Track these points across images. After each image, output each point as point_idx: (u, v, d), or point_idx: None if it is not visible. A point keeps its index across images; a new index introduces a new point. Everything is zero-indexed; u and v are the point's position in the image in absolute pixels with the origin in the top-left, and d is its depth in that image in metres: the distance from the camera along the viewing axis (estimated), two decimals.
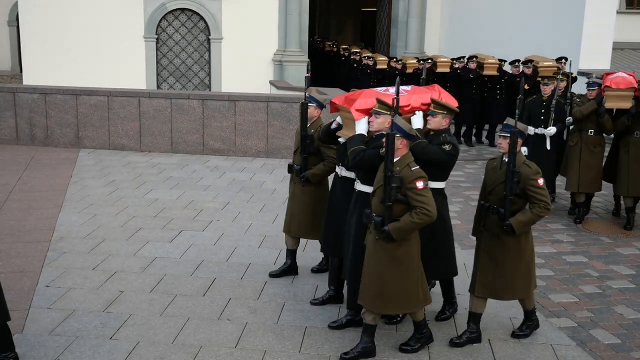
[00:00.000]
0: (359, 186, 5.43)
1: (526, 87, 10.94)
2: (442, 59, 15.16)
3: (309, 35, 20.36)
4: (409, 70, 15.77)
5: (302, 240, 6.97)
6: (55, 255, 7.18)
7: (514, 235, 5.23)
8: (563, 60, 12.68)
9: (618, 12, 17.06)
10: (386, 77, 16.37)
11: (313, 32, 27.33)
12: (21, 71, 18.76)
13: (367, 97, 5.50)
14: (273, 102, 12.40)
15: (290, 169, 6.56)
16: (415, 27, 20.46)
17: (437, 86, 5.92)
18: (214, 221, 8.51)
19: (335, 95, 12.95)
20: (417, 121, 5.52)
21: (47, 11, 17.41)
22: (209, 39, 18.71)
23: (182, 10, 18.43)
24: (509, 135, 5.16)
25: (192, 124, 12.52)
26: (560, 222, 8.90)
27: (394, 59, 16.66)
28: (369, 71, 16.82)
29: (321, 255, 6.92)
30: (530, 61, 12.80)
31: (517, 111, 5.18)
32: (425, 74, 7.03)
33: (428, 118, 5.46)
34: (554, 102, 8.85)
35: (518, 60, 12.81)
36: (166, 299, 6.17)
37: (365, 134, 5.36)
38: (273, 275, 6.75)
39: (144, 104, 12.51)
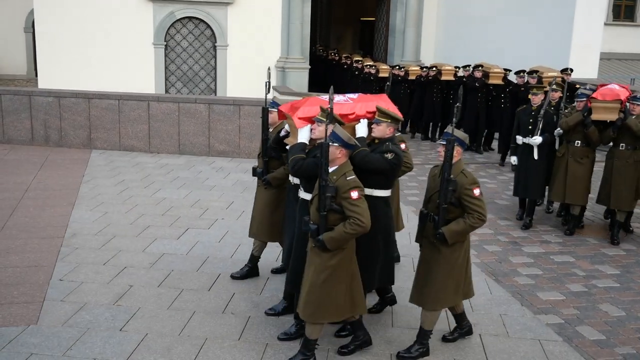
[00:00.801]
0: (302, 194, 5.39)
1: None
2: (446, 67, 15.21)
3: (310, 43, 20.53)
4: (412, 77, 15.88)
5: None
6: (68, 250, 7.31)
7: (447, 245, 5.06)
8: (568, 71, 12.57)
9: (605, 24, 17.32)
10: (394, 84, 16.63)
11: (314, 41, 27.35)
12: (36, 75, 18.88)
13: (310, 105, 5.45)
14: None
15: (254, 172, 6.50)
16: (412, 36, 20.79)
17: (384, 96, 5.91)
18: (219, 219, 8.64)
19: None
20: (362, 129, 5.44)
21: (61, 19, 17.60)
22: (215, 46, 18.88)
23: (190, 18, 18.62)
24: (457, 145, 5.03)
25: (198, 126, 12.72)
26: (549, 224, 9.03)
27: (397, 67, 16.75)
28: (371, 79, 16.90)
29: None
30: (536, 71, 12.63)
31: (454, 119, 4.96)
32: (391, 80, 7.16)
33: (373, 126, 5.39)
34: (542, 112, 8.62)
35: (523, 71, 12.71)
36: (173, 293, 6.28)
37: (307, 142, 5.29)
38: (235, 277, 6.71)
39: (153, 107, 12.74)
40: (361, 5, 29.17)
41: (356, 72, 18.11)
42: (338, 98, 5.57)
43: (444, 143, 5.02)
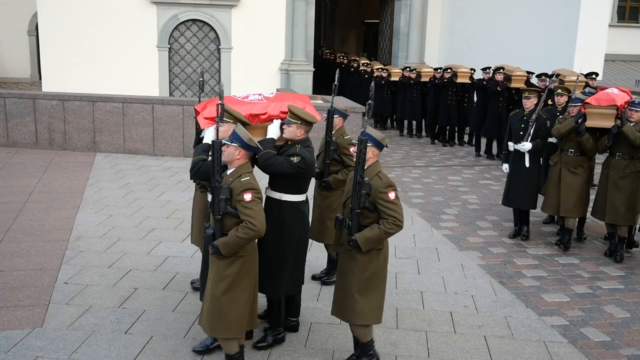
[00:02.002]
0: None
1: (550, 102, 10.02)
2: (462, 69, 14.86)
3: (315, 45, 20.55)
4: (424, 79, 15.64)
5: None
6: (73, 253, 7.33)
7: (363, 252, 4.72)
8: (593, 75, 12.01)
9: (610, 26, 17.32)
10: (400, 88, 16.41)
11: (318, 43, 27.41)
12: (40, 79, 18.92)
13: (212, 105, 5.27)
14: None
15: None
16: (416, 38, 20.82)
17: (305, 97, 5.73)
18: None
19: (341, 103, 13.23)
20: (273, 130, 5.23)
21: (65, 22, 17.65)
22: (219, 49, 18.92)
23: (194, 21, 18.66)
24: (369, 145, 4.75)
25: None
26: (552, 226, 9.00)
27: (408, 69, 16.62)
28: (382, 82, 16.84)
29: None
30: (557, 75, 12.00)
31: (365, 117, 4.81)
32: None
33: (284, 127, 5.18)
34: (533, 116, 8.02)
35: (545, 74, 12.12)
36: (178, 295, 6.29)
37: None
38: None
39: (157, 110, 12.77)
40: (365, 7, 29.25)
41: (366, 76, 18.10)
42: (252, 97, 5.42)
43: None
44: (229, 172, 4.65)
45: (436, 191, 10.90)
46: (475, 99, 14.51)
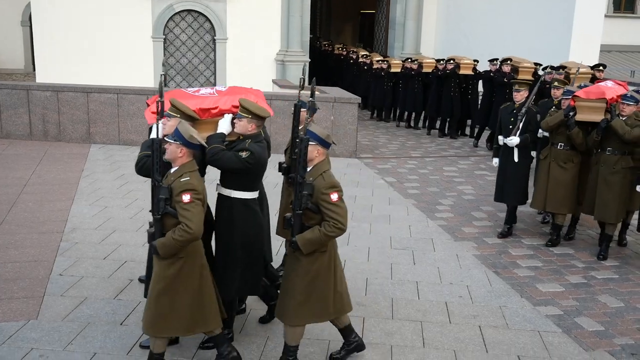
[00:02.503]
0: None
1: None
2: (465, 60, 14.65)
3: (310, 36, 20.49)
4: (426, 70, 15.48)
5: None
6: (68, 245, 7.33)
7: (306, 254, 4.61)
8: (601, 67, 11.72)
9: (606, 16, 17.35)
10: (400, 79, 16.29)
11: (314, 33, 27.32)
12: (34, 69, 18.89)
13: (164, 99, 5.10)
14: (276, 100, 12.63)
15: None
16: (412, 29, 20.81)
17: (259, 92, 5.59)
18: None
19: (337, 94, 13.20)
20: (224, 125, 5.06)
21: (59, 12, 17.56)
22: (214, 39, 18.86)
23: (189, 11, 18.59)
24: (313, 144, 4.60)
25: None
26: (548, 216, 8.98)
27: (409, 59, 16.46)
28: (382, 74, 16.76)
29: None
30: (563, 67, 11.65)
31: (308, 114, 4.66)
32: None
33: (235, 121, 5.03)
34: (523, 110, 7.82)
35: (552, 66, 11.82)
36: None
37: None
38: None
39: None
40: None
41: (365, 68, 17.99)
42: (203, 91, 5.30)
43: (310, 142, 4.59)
44: (172, 170, 4.53)
45: (432, 182, 10.91)
46: (480, 90, 14.40)
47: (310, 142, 4.54)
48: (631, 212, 7.87)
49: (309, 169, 4.59)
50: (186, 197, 4.35)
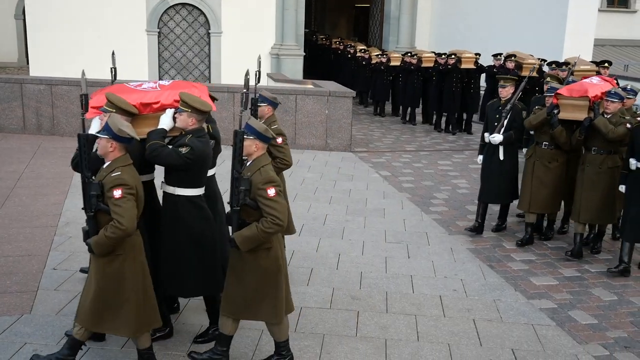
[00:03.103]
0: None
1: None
2: (466, 55, 14.45)
3: (306, 30, 20.41)
4: (426, 65, 15.31)
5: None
6: (61, 239, 7.31)
7: (249, 252, 4.49)
8: (606, 64, 11.41)
9: (599, 10, 17.33)
10: (399, 73, 16.11)
11: (309, 28, 27.20)
12: (28, 63, 18.81)
13: (101, 94, 5.01)
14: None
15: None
16: (407, 23, 20.76)
17: (204, 87, 5.43)
18: None
19: (331, 87, 13.18)
20: (165, 120, 4.92)
21: (52, 5, 17.46)
22: (209, 33, 18.79)
23: (183, 4, 18.50)
24: (250, 138, 4.49)
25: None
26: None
27: (409, 54, 16.24)
28: (382, 68, 16.61)
29: (308, 241, 7.11)
30: (567, 63, 11.18)
31: (243, 108, 4.50)
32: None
33: (176, 116, 4.90)
34: (508, 106, 7.61)
35: (557, 62, 11.46)
36: None
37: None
38: None
39: None
40: None
41: (363, 62, 17.80)
42: (146, 85, 5.19)
43: (246, 136, 4.48)
44: (104, 165, 4.44)
45: (426, 176, 10.92)
46: (481, 85, 14.25)
47: (248, 136, 4.45)
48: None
49: (248, 164, 4.52)
50: (117, 193, 4.26)
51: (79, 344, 4.65)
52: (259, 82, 6.26)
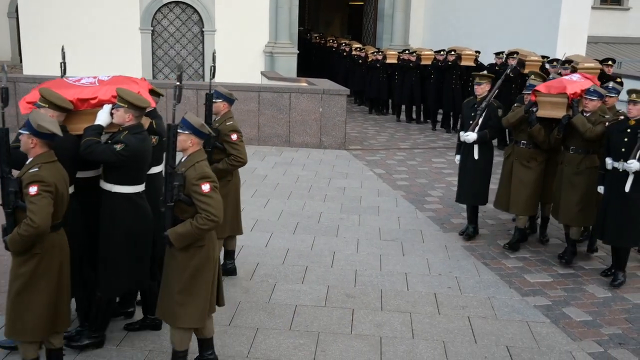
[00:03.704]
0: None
1: None
2: (466, 52, 14.34)
3: (300, 28, 20.37)
4: (425, 62, 15.10)
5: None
6: None
7: (182, 250, 4.37)
8: (610, 62, 11.15)
9: (593, 8, 17.36)
10: (396, 71, 15.93)
11: (303, 25, 27.12)
12: (21, 61, 18.74)
13: (35, 91, 4.88)
14: (264, 92, 12.59)
15: None
16: (400, 20, 20.78)
17: (144, 82, 5.34)
18: None
19: (325, 85, 13.18)
20: (101, 116, 4.82)
21: (45, 3, 17.39)
22: (202, 31, 18.76)
23: (177, 3, 18.47)
24: (186, 133, 4.39)
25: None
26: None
27: (406, 51, 16.10)
28: (378, 66, 16.44)
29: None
30: (570, 62, 10.89)
31: (175, 101, 4.36)
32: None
33: (112, 111, 4.81)
34: (483, 104, 7.38)
35: (557, 60, 11.17)
36: None
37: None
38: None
39: None
40: None
41: (359, 61, 17.62)
42: (85, 80, 5.09)
43: (181, 131, 4.37)
44: (27, 162, 4.31)
45: (420, 173, 10.94)
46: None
47: (183, 131, 4.36)
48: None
49: (183, 159, 4.45)
50: (33, 189, 4.13)
51: None
52: (213, 77, 6.20)
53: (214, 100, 6.10)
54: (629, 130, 6.30)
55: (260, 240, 7.45)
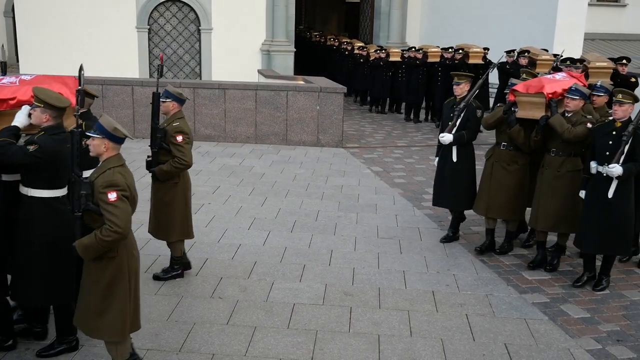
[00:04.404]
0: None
1: None
2: (474, 49, 14.11)
3: (299, 27, 20.33)
4: (432, 60, 14.84)
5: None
6: None
7: (94, 261, 4.21)
8: (624, 61, 10.72)
9: (589, 4, 17.34)
10: (400, 69, 15.79)
11: (299, 23, 27.03)
12: (18, 61, 18.71)
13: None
14: (261, 90, 12.58)
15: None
16: (397, 18, 20.76)
17: (70, 79, 5.06)
18: (206, 204, 8.64)
19: (322, 83, 13.17)
20: (19, 117, 4.61)
21: (42, 2, 17.36)
22: (199, 30, 18.74)
23: (173, 1, 18.44)
24: (99, 137, 4.21)
25: (183, 111, 12.62)
26: None
27: (412, 48, 15.86)
28: (381, 64, 16.23)
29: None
30: (582, 61, 10.41)
31: (79, 107, 4.30)
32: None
33: (30, 112, 4.59)
34: (462, 105, 7.13)
35: (569, 59, 10.58)
36: None
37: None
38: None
39: (137, 92, 12.65)
40: None
41: (361, 60, 17.39)
42: (5, 80, 4.92)
43: (92, 135, 4.20)
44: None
45: (418, 171, 10.93)
46: (495, 82, 14.00)
47: (97, 135, 4.17)
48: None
49: (99, 165, 4.30)
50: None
51: None
52: (160, 76, 6.13)
53: (162, 100, 5.99)
54: (614, 132, 5.97)
55: (257, 238, 7.44)
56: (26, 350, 4.94)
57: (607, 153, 5.94)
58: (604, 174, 5.96)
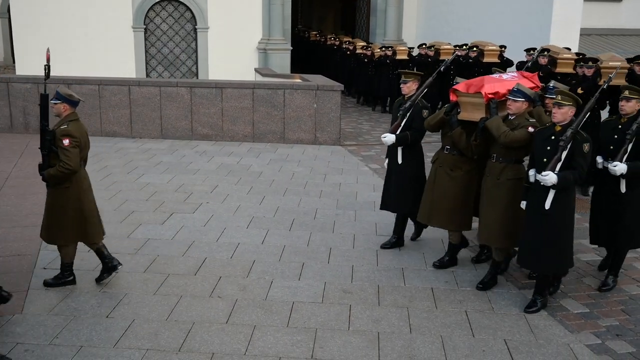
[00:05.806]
0: None
1: (580, 91, 8.41)
2: (490, 47, 13.75)
3: (298, 26, 20.26)
4: (443, 57, 14.21)
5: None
6: None
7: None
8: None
9: (585, 0, 17.32)
10: (406, 67, 14.94)
11: (296, 21, 26.91)
12: (14, 62, 18.67)
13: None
14: (258, 88, 12.58)
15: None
16: (393, 15, 20.74)
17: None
18: (204, 203, 8.64)
19: (319, 81, 13.15)
20: None
21: (37, 3, 17.34)
22: (195, 29, 18.73)
23: (170, 0, 18.42)
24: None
25: (180, 110, 12.66)
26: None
27: (423, 45, 15.48)
28: (387, 62, 15.85)
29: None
30: (595, 60, 9.86)
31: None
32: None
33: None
34: (407, 104, 6.80)
35: (585, 59, 10.09)
36: (159, 278, 6.28)
37: None
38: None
39: (134, 92, 12.65)
40: None
41: (365, 60, 17.08)
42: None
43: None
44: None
45: None
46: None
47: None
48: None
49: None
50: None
51: None
52: (48, 77, 5.93)
53: (53, 102, 5.81)
54: (552, 137, 5.48)
55: (256, 237, 7.44)
56: (25, 352, 4.94)
57: (545, 160, 5.46)
58: (542, 183, 5.44)
